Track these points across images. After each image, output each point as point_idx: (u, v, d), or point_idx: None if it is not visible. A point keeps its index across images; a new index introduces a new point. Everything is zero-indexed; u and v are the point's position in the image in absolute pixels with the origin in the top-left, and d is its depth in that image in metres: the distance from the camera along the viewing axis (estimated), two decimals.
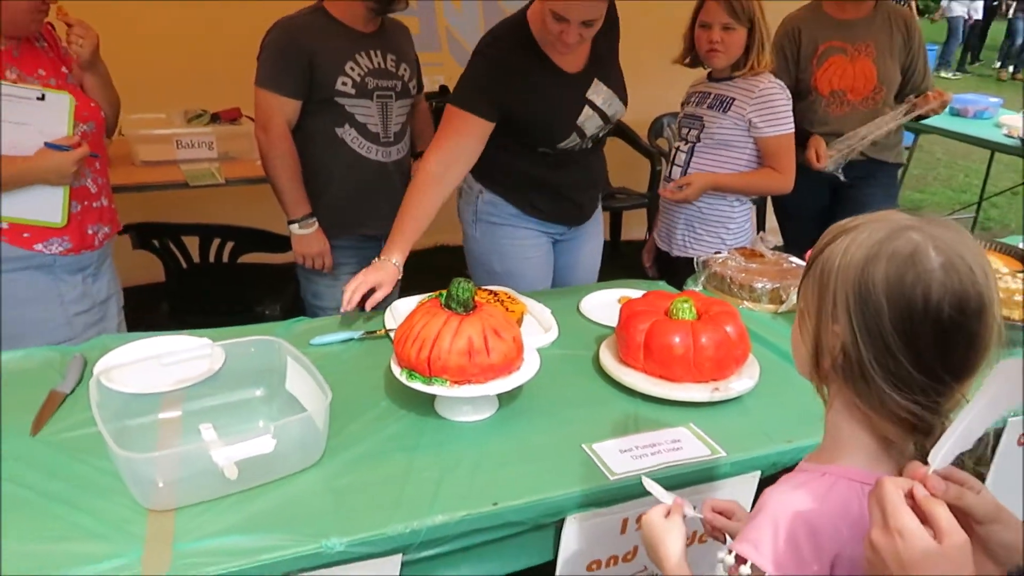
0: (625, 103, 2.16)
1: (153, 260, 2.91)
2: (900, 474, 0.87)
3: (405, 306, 1.90)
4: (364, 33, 2.24)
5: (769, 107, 2.21)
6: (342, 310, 1.81)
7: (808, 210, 2.88)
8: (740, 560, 0.87)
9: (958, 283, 0.80)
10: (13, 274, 1.87)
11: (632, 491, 1.33)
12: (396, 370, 1.47)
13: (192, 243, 2.91)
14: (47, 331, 1.90)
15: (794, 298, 1.92)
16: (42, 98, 1.81)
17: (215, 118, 3.30)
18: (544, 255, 2.25)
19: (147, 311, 2.91)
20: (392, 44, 2.31)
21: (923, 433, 0.84)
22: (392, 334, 1.61)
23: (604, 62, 2.10)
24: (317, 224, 2.33)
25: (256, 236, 2.91)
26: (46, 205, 1.87)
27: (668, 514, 1.10)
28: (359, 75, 2.21)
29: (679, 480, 1.36)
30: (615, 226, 4.62)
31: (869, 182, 2.85)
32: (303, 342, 1.71)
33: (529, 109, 2.00)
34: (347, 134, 2.26)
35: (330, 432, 1.36)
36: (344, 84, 2.19)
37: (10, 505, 1.20)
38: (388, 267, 1.88)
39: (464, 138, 1.98)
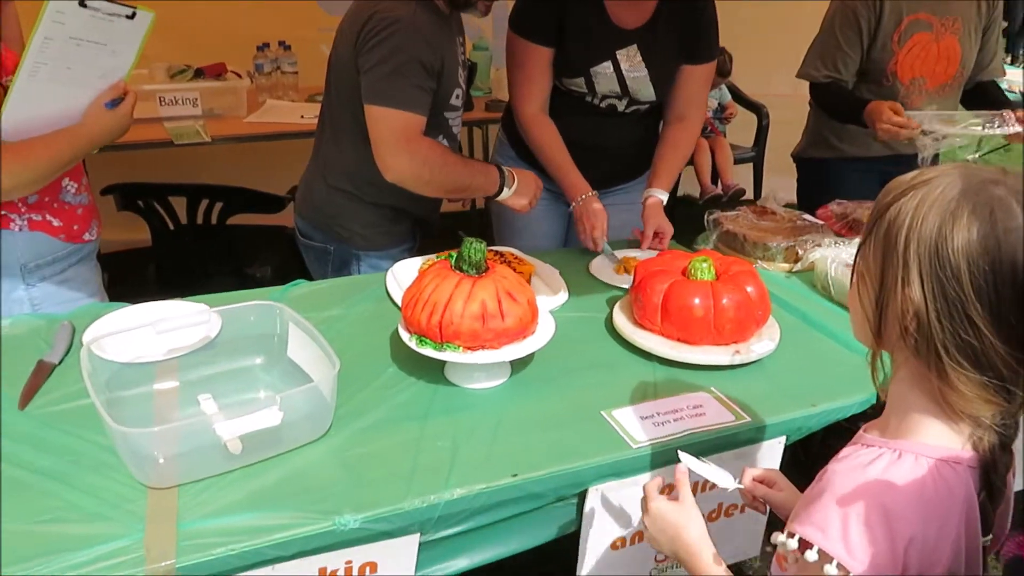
0: (659, 95, 2.06)
1: (139, 222, 2.80)
2: (975, 448, 0.81)
3: (405, 269, 1.82)
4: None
5: None
6: (590, 246, 1.97)
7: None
8: (805, 544, 0.81)
9: None
10: (73, 269, 1.72)
11: (656, 459, 1.28)
12: (405, 336, 1.40)
13: (179, 204, 2.80)
14: None
15: (811, 256, 1.86)
16: (132, 16, 1.50)
17: (199, 73, 3.17)
18: (555, 215, 2.17)
19: (133, 274, 2.82)
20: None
21: (1001, 404, 0.78)
22: None
23: (658, 44, 2.00)
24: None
25: (246, 196, 2.80)
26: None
27: (664, 491, 1.07)
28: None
29: (703, 447, 1.30)
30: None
31: (905, 167, 2.66)
32: (304, 306, 1.63)
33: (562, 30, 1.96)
34: None
35: (337, 402, 1.29)
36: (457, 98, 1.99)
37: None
38: (592, 202, 1.98)
39: (532, 71, 2.01)
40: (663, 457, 1.28)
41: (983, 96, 2.41)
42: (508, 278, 1.39)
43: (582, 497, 1.27)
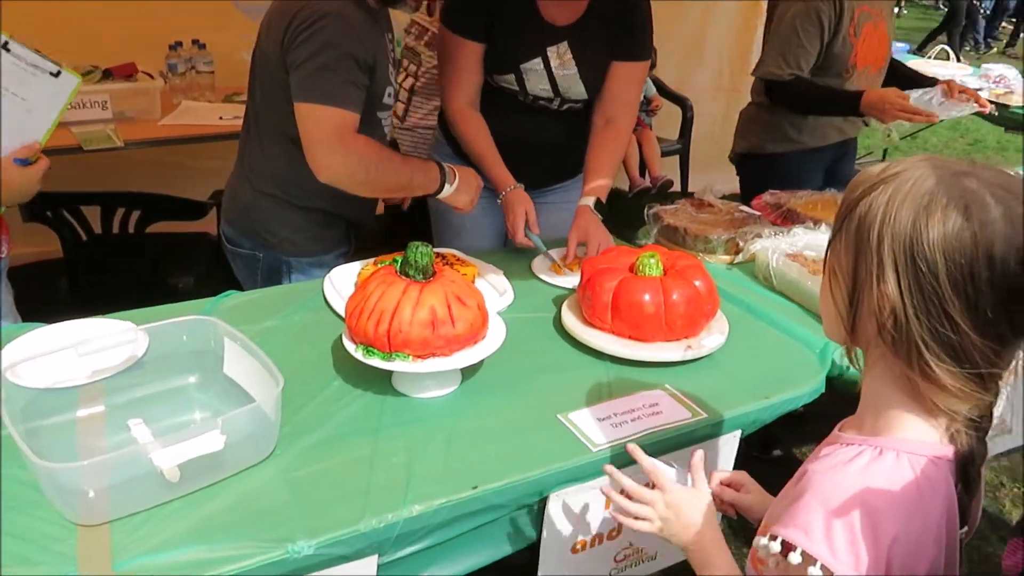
0: (590, 94, 2.03)
1: (47, 234, 2.62)
2: (952, 442, 0.81)
3: (343, 275, 1.75)
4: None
5: None
6: (518, 243, 1.90)
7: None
8: (788, 546, 0.79)
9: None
10: None
11: (616, 461, 1.24)
12: (350, 346, 1.33)
13: (92, 214, 2.64)
14: None
15: (752, 248, 1.87)
16: (57, 74, 1.47)
17: (107, 75, 2.99)
18: (495, 213, 2.12)
19: (44, 290, 2.64)
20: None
21: (979, 397, 0.77)
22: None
23: (590, 42, 1.97)
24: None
25: (165, 203, 2.67)
26: None
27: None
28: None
29: (661, 446, 1.28)
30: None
31: (850, 156, 2.72)
32: (237, 319, 1.54)
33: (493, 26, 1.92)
34: None
35: (280, 419, 1.22)
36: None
37: None
38: (518, 193, 1.93)
39: (462, 66, 1.96)
40: (623, 459, 1.25)
41: (899, 75, 2.56)
42: (457, 282, 1.34)
43: (543, 504, 1.24)
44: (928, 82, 2.47)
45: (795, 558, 0.77)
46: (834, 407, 1.49)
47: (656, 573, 1.51)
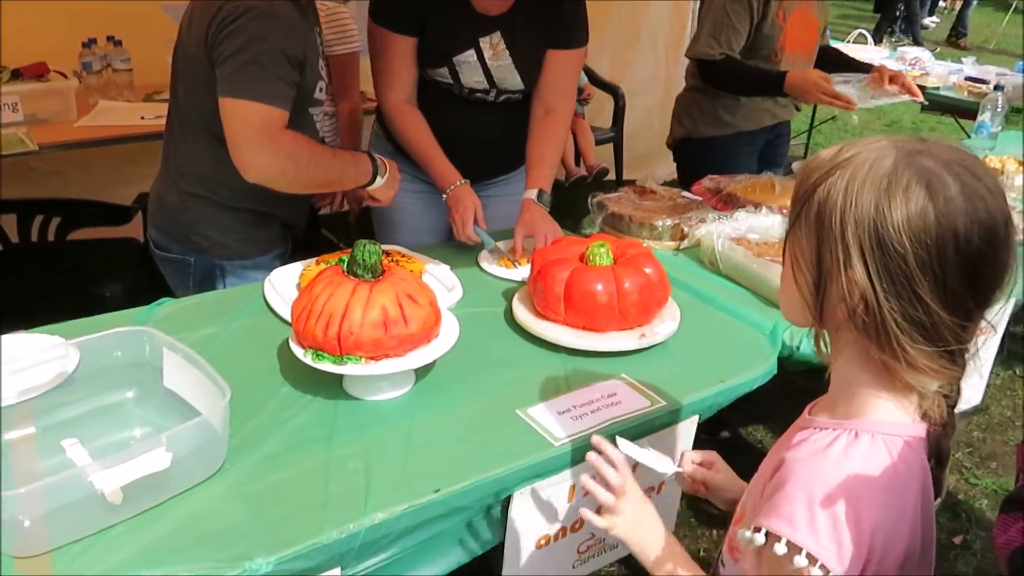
0: (527, 84, 2.00)
1: None
2: (924, 419, 0.81)
3: (284, 277, 1.68)
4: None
5: None
6: (464, 239, 1.88)
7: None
8: (773, 538, 0.78)
9: (983, 210, 0.73)
10: None
11: (578, 455, 1.23)
12: (298, 351, 1.28)
13: (8, 223, 2.50)
14: None
15: (696, 233, 1.88)
16: None
17: (16, 75, 2.83)
18: (436, 208, 2.08)
19: None
20: None
21: (949, 372, 0.78)
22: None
23: (522, 31, 1.93)
24: None
25: (86, 209, 2.55)
26: None
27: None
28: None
29: (624, 436, 1.26)
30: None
31: (784, 139, 2.75)
32: (174, 328, 1.46)
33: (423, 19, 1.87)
34: None
35: (229, 431, 1.16)
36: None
37: None
38: (463, 190, 1.91)
39: (394, 61, 1.92)
40: (585, 452, 1.24)
41: (832, 60, 2.58)
42: (407, 280, 1.30)
43: (507, 502, 1.21)
44: (864, 68, 2.50)
45: (780, 548, 0.76)
46: (779, 386, 1.51)
47: (615, 562, 1.51)
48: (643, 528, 1.03)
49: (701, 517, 2.35)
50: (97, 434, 1.22)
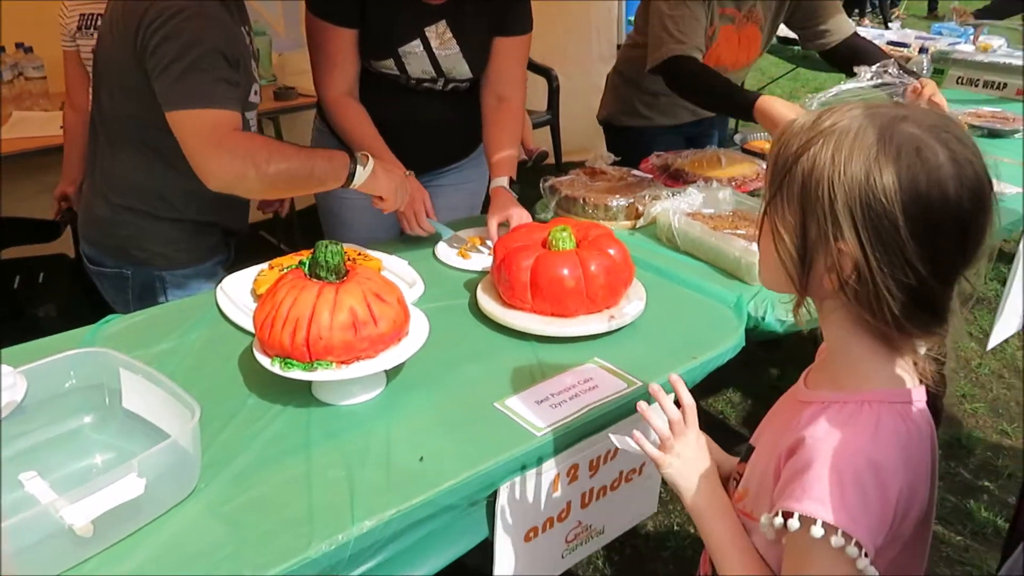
0: (475, 72, 1.97)
1: None
2: (921, 381, 0.82)
3: (236, 284, 1.62)
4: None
5: None
6: (415, 232, 1.85)
7: None
8: (808, 520, 0.77)
9: (971, 174, 0.73)
10: None
11: (561, 443, 1.22)
12: (264, 361, 1.23)
13: None
14: None
15: (652, 211, 1.88)
16: None
17: None
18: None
19: None
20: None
21: (939, 335, 0.78)
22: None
23: (468, 18, 1.90)
24: None
25: (10, 226, 2.41)
26: None
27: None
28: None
29: (604, 420, 1.27)
30: None
31: (718, 128, 2.70)
32: (125, 345, 1.40)
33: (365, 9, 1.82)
34: None
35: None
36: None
37: None
38: (412, 180, 1.84)
39: (334, 54, 1.87)
40: (568, 439, 1.23)
41: (856, 53, 2.40)
42: (372, 279, 1.26)
43: (493, 496, 1.19)
44: (880, 57, 2.32)
45: (818, 531, 0.75)
46: (738, 356, 1.52)
47: (602, 548, 1.51)
48: (694, 473, 1.01)
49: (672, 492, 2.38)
50: (56, 465, 1.15)
